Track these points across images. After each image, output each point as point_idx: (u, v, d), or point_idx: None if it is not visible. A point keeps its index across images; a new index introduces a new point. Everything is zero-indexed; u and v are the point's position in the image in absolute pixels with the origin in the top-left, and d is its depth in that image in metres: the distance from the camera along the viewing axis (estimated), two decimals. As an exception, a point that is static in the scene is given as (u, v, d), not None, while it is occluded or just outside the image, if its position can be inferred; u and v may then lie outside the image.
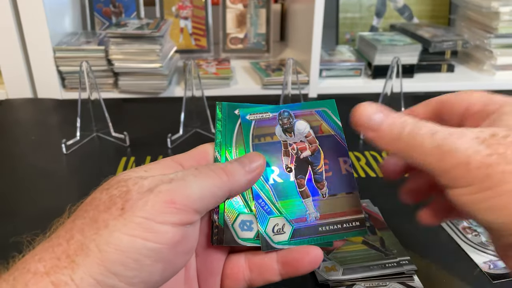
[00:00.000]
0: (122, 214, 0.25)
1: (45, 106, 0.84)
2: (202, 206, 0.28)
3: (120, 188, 0.27)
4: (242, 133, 0.34)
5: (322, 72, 0.95)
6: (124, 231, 0.24)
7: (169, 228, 0.26)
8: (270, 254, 0.32)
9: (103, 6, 1.03)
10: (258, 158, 0.32)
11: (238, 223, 0.31)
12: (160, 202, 0.26)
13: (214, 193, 0.28)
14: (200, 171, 0.29)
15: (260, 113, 0.35)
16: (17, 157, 0.67)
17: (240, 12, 1.07)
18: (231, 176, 0.29)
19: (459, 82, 0.97)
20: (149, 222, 0.25)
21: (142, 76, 0.87)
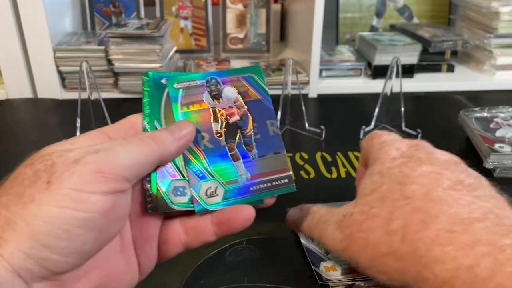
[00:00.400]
0: (48, 187, 0.25)
1: (45, 106, 0.84)
2: (132, 174, 0.28)
3: (45, 162, 0.26)
4: (171, 102, 0.34)
5: (322, 72, 0.95)
6: (52, 203, 0.24)
7: (99, 197, 0.26)
8: (205, 216, 0.33)
9: (103, 6, 1.03)
10: (187, 125, 0.32)
11: (171, 189, 0.32)
12: (88, 172, 0.25)
13: (144, 160, 0.29)
14: (128, 140, 0.29)
15: (188, 81, 0.35)
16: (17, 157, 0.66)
17: (240, 12, 1.07)
18: (160, 144, 0.30)
19: (459, 82, 0.97)
20: (77, 192, 0.25)
21: (142, 76, 0.87)
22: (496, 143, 0.61)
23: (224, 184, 0.33)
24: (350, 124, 0.74)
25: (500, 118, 0.66)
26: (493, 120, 0.66)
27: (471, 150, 0.64)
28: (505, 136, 0.62)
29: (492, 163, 0.58)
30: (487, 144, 0.60)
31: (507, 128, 0.64)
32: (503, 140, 0.61)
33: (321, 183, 0.59)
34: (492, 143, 0.60)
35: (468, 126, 0.66)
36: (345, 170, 0.62)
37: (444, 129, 0.74)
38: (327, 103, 0.88)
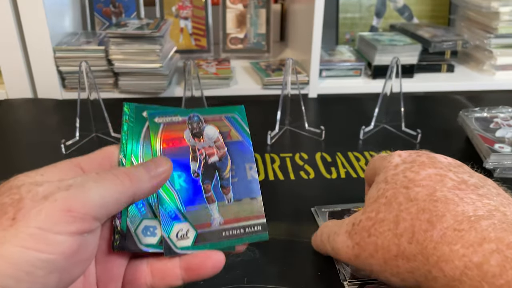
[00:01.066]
0: (13, 224, 0.24)
1: (45, 106, 0.84)
2: (102, 213, 0.27)
3: (12, 195, 0.25)
4: (150, 136, 0.33)
5: (322, 72, 0.95)
6: (15, 242, 0.23)
7: (65, 237, 0.24)
8: (173, 259, 0.31)
9: (103, 6, 1.03)
10: (164, 163, 0.31)
11: (141, 229, 0.31)
12: (56, 211, 0.24)
13: (116, 199, 0.28)
14: (101, 176, 0.28)
15: (170, 115, 0.34)
16: (16, 157, 0.67)
17: (240, 12, 1.07)
18: (134, 181, 0.28)
19: (459, 82, 0.97)
20: (43, 232, 0.24)
21: (142, 76, 0.87)
22: (496, 143, 0.61)
23: (196, 227, 0.32)
24: (350, 124, 0.74)
25: (500, 118, 0.66)
26: (493, 120, 0.66)
27: (471, 151, 0.64)
28: (505, 136, 0.62)
29: (492, 164, 0.58)
30: (487, 144, 0.60)
31: (507, 128, 0.64)
32: (503, 140, 0.61)
33: (321, 184, 0.59)
34: (492, 143, 0.60)
35: (468, 126, 0.66)
36: (345, 170, 0.62)
37: (444, 129, 0.74)
38: (327, 103, 0.88)
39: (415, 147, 0.67)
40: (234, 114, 0.36)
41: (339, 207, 0.53)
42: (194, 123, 0.35)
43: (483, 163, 0.59)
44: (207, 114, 0.36)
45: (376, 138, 0.70)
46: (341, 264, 0.44)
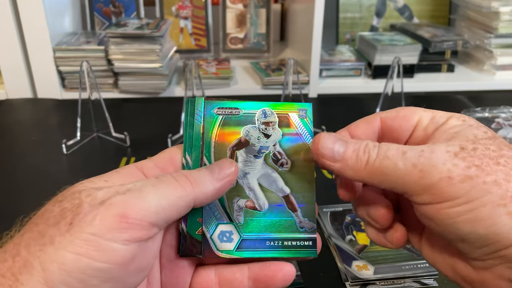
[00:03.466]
0: (69, 229, 0.23)
1: (45, 106, 0.84)
2: (161, 219, 0.25)
3: (73, 200, 0.25)
4: (209, 133, 0.31)
5: (322, 72, 0.95)
6: (70, 248, 0.23)
7: (119, 246, 0.24)
8: (242, 269, 0.30)
9: (103, 6, 1.03)
10: (229, 165, 0.29)
11: (217, 234, 0.29)
12: (110, 216, 0.24)
13: (176, 204, 0.26)
14: (160, 179, 0.26)
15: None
16: (17, 157, 0.66)
17: (240, 12, 1.07)
18: (195, 185, 0.27)
19: (459, 82, 0.97)
20: (96, 239, 0.23)
21: (142, 76, 0.87)
22: (497, 143, 0.61)
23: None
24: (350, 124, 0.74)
25: (501, 119, 0.66)
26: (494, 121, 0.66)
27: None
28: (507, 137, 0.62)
29: (493, 163, 0.58)
30: (488, 144, 0.60)
31: (508, 128, 0.64)
32: (504, 140, 0.61)
33: (322, 183, 0.59)
34: (493, 143, 0.60)
35: (469, 126, 0.66)
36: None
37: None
38: (327, 103, 0.88)
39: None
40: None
41: (341, 207, 0.53)
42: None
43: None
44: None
45: (376, 138, 0.70)
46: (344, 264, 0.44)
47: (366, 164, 0.27)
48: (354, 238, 0.48)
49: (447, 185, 0.25)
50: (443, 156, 0.26)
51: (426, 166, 0.26)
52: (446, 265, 0.28)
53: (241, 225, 0.30)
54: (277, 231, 0.30)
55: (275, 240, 0.30)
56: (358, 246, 0.47)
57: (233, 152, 0.31)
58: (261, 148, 0.31)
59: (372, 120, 0.32)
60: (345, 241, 0.47)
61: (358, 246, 0.47)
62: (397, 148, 0.27)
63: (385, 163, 0.26)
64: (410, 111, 0.31)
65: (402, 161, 0.26)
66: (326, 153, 0.28)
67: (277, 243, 0.30)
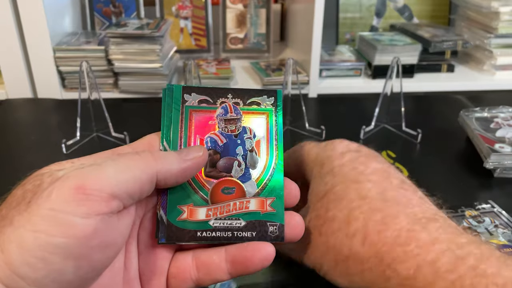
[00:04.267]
0: (27, 208, 0.23)
1: (45, 106, 0.84)
2: (122, 191, 0.24)
3: (34, 182, 0.25)
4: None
5: (322, 72, 0.95)
6: (28, 226, 0.22)
7: (79, 219, 0.23)
8: (219, 252, 0.30)
9: (103, 6, 1.03)
10: (198, 149, 0.29)
11: None
12: (67, 189, 0.23)
13: (137, 176, 0.25)
14: (122, 155, 0.26)
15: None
16: (17, 157, 0.67)
17: (240, 12, 1.07)
18: (159, 160, 0.27)
19: (459, 82, 0.97)
20: (54, 213, 0.22)
21: (142, 76, 0.87)
22: (497, 143, 0.60)
23: None
24: (350, 124, 0.74)
25: (500, 118, 0.66)
26: (494, 120, 0.66)
27: (471, 150, 0.64)
28: (506, 136, 0.62)
29: (492, 163, 0.58)
30: (487, 144, 0.60)
31: (507, 128, 0.64)
32: (504, 140, 0.61)
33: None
34: (493, 143, 0.60)
35: (469, 126, 0.66)
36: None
37: (444, 129, 0.74)
38: (327, 103, 0.88)
39: (415, 147, 0.67)
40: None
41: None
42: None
43: (483, 163, 0.59)
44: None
45: (376, 137, 0.70)
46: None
47: None
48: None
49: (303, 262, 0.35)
50: None
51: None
52: None
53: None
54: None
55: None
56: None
57: None
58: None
59: None
60: None
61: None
62: None
63: None
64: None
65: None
66: None
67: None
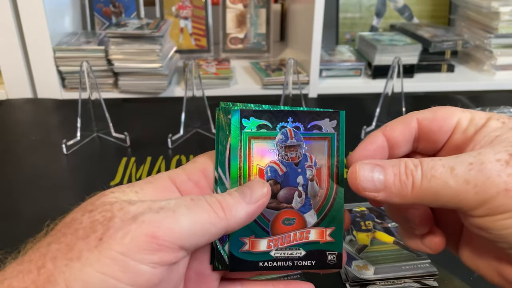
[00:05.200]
0: (98, 245, 0.22)
1: (45, 106, 0.84)
2: (191, 243, 0.25)
3: (104, 212, 0.24)
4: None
5: (322, 72, 0.95)
6: (97, 267, 0.22)
7: (147, 268, 0.23)
8: (266, 285, 0.30)
9: (103, 6, 1.03)
10: (260, 187, 0.28)
11: None
12: (142, 236, 0.23)
13: (207, 230, 0.25)
14: (195, 202, 0.25)
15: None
16: (17, 157, 0.66)
17: (240, 12, 1.07)
18: (228, 212, 0.26)
19: (459, 82, 0.97)
20: (125, 258, 0.22)
21: (142, 76, 0.87)
22: (497, 143, 0.60)
23: None
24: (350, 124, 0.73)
25: (501, 118, 0.66)
26: None
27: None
28: (506, 136, 0.62)
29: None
30: (488, 144, 0.60)
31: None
32: (504, 140, 0.61)
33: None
34: (493, 143, 0.60)
35: (469, 126, 0.66)
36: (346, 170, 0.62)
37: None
38: (327, 103, 0.88)
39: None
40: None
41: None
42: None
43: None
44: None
45: (376, 138, 0.70)
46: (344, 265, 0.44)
47: (412, 188, 0.25)
48: (354, 238, 0.48)
49: (505, 197, 0.24)
50: (495, 166, 0.24)
51: (480, 180, 0.24)
52: (491, 270, 0.28)
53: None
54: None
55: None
56: (358, 246, 0.47)
57: None
58: None
59: (408, 121, 0.30)
60: (345, 241, 0.47)
61: (358, 246, 0.47)
62: (442, 165, 0.25)
63: (433, 183, 0.25)
64: (448, 112, 0.29)
65: (453, 178, 0.24)
66: (368, 186, 0.26)
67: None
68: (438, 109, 0.30)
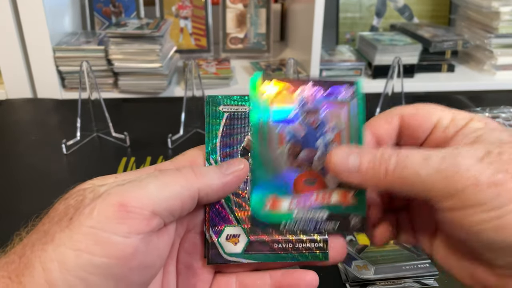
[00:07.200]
0: (68, 225, 0.22)
1: (45, 106, 0.84)
2: (163, 208, 0.24)
3: (77, 197, 0.24)
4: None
5: (322, 72, 0.95)
6: (70, 244, 0.22)
7: (120, 238, 0.22)
8: (263, 277, 0.29)
9: (103, 6, 1.03)
10: (239, 162, 0.28)
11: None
12: (109, 206, 0.23)
13: (178, 193, 0.25)
14: (163, 172, 0.26)
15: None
16: (17, 157, 0.66)
17: (240, 12, 1.07)
18: (200, 176, 0.26)
19: (459, 82, 0.97)
20: (96, 231, 0.22)
21: (142, 76, 0.87)
22: (497, 143, 0.60)
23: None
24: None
25: (501, 119, 0.66)
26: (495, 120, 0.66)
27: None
28: (506, 136, 0.62)
29: (493, 163, 0.58)
30: (488, 144, 0.60)
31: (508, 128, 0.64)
32: (504, 140, 0.61)
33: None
34: (493, 143, 0.60)
35: (469, 126, 0.66)
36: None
37: (444, 129, 0.73)
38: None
39: (416, 147, 0.67)
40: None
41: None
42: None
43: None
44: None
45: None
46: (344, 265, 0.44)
47: (385, 174, 0.26)
48: (354, 238, 0.48)
49: (473, 191, 0.24)
50: (467, 161, 0.25)
51: (450, 172, 0.25)
52: (463, 271, 0.27)
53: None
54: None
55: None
56: (358, 246, 0.47)
57: None
58: None
59: (391, 117, 0.30)
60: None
61: (358, 246, 0.47)
62: (417, 155, 0.26)
63: (405, 172, 0.25)
64: (429, 110, 0.30)
65: (425, 168, 0.25)
66: (341, 169, 0.27)
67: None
68: (421, 106, 0.30)
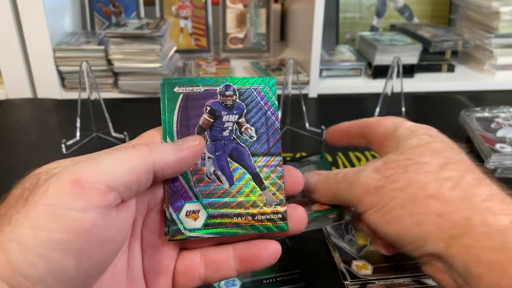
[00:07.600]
0: (24, 205, 0.23)
1: (45, 106, 0.84)
2: (119, 183, 0.24)
3: (32, 180, 0.25)
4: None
5: (322, 72, 0.95)
6: (27, 224, 0.22)
7: (76, 214, 0.22)
8: (227, 250, 0.30)
9: (103, 6, 1.03)
10: (194, 139, 0.29)
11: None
12: (63, 183, 0.23)
13: (133, 167, 0.25)
14: (117, 148, 0.26)
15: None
16: (17, 157, 0.66)
17: (240, 12, 1.07)
18: (154, 150, 0.26)
19: (459, 82, 0.97)
20: (51, 208, 0.22)
21: (142, 76, 0.87)
22: (497, 143, 0.60)
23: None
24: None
25: (501, 118, 0.66)
26: (494, 120, 0.66)
27: (472, 151, 0.64)
28: (506, 136, 0.62)
29: (493, 163, 0.58)
30: (488, 144, 0.60)
31: (508, 128, 0.64)
32: (504, 140, 0.61)
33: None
34: (493, 143, 0.60)
35: (469, 126, 0.66)
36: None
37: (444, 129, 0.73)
38: (327, 103, 0.88)
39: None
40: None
41: (340, 207, 0.53)
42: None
43: (484, 163, 0.59)
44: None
45: (376, 138, 0.70)
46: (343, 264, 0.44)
47: (321, 188, 0.36)
48: (354, 237, 0.48)
49: (365, 195, 0.32)
50: (366, 172, 0.33)
51: (354, 182, 0.33)
52: None
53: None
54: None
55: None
56: (358, 245, 0.47)
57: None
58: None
59: (356, 121, 0.40)
60: (344, 240, 0.47)
61: (357, 245, 0.47)
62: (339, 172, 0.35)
63: (334, 185, 0.35)
64: (384, 120, 0.37)
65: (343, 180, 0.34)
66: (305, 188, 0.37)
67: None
68: (382, 117, 0.38)
